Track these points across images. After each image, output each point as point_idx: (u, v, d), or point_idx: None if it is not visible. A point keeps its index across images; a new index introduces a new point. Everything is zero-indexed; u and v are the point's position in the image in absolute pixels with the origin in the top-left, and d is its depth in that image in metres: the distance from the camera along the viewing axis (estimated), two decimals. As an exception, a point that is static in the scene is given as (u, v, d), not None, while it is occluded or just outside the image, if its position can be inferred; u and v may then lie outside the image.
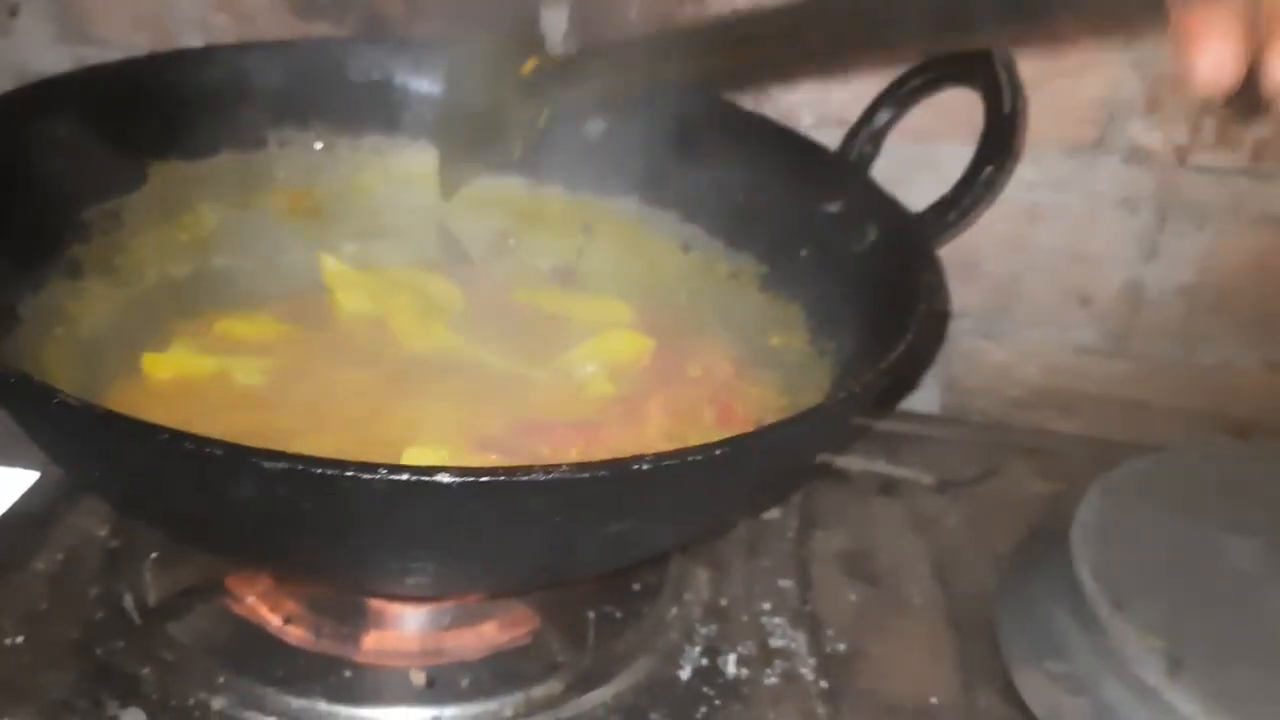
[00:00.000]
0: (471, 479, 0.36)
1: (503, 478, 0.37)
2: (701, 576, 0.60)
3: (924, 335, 0.49)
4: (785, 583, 0.61)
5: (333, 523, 0.39)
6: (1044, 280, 0.73)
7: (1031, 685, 0.54)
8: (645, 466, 0.38)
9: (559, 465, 0.37)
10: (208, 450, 0.35)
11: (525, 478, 0.37)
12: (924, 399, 0.78)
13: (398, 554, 0.41)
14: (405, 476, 0.36)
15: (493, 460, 0.52)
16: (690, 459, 0.39)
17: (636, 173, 0.70)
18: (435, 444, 0.52)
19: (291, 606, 0.54)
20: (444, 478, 0.36)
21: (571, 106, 0.65)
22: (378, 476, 0.35)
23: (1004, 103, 0.58)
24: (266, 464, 0.35)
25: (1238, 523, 0.58)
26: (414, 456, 0.51)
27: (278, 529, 0.40)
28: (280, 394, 0.57)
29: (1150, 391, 0.76)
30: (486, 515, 0.39)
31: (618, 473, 0.38)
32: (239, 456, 0.35)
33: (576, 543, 0.43)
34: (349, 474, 0.35)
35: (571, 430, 0.57)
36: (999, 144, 0.58)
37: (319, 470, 0.36)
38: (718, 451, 0.40)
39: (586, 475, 0.38)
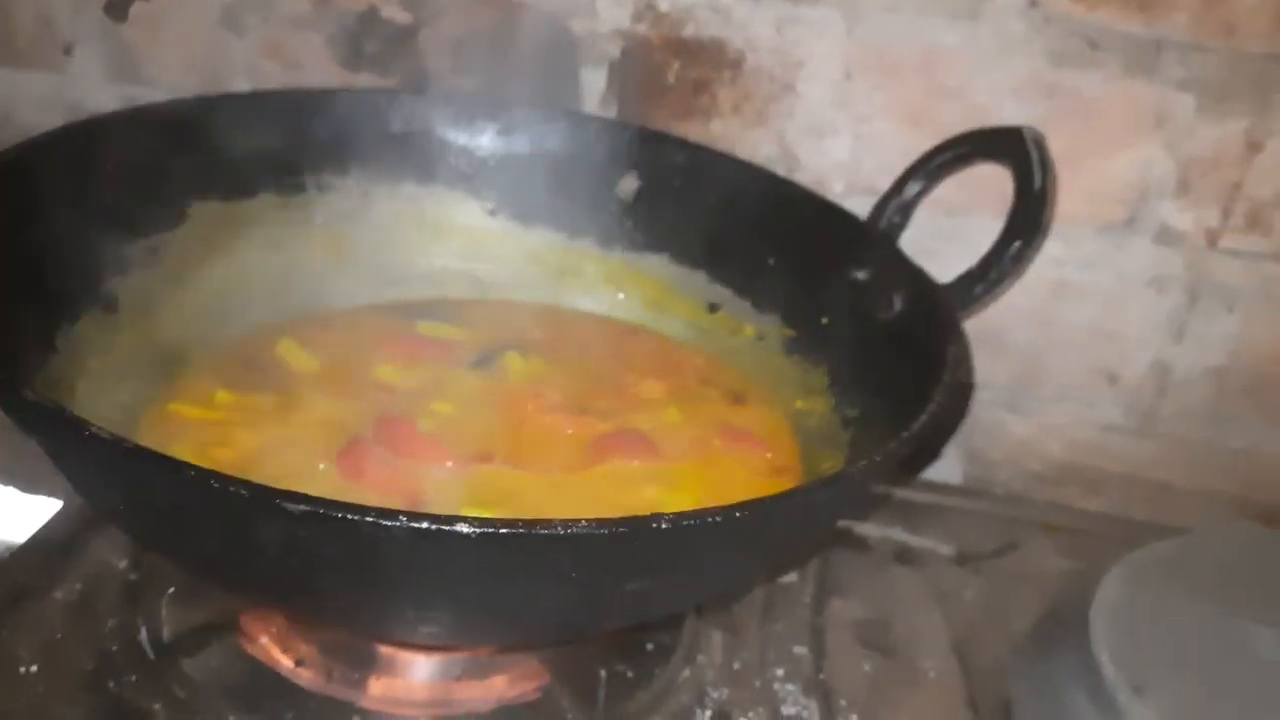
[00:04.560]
0: (490, 530, 0.36)
1: (521, 530, 0.37)
2: (715, 639, 0.59)
3: (948, 406, 0.50)
4: (800, 649, 0.60)
5: (351, 567, 0.39)
6: (1070, 357, 0.73)
7: (1047, 768, 0.53)
8: (665, 525, 0.38)
9: (578, 520, 0.37)
10: (233, 490, 0.36)
11: (544, 531, 0.37)
12: (945, 470, 0.77)
13: (414, 601, 0.41)
14: (425, 525, 0.36)
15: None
16: (711, 519, 0.39)
17: (667, 232, 0.71)
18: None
19: (303, 649, 0.53)
20: (463, 528, 0.36)
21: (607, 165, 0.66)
22: (398, 524, 0.36)
23: (1034, 179, 0.59)
24: (289, 506, 0.36)
25: (1261, 611, 0.57)
26: None
27: (297, 570, 0.41)
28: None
29: (1175, 473, 0.75)
30: (504, 566, 0.39)
31: (637, 530, 0.38)
32: (264, 497, 0.36)
33: (593, 598, 0.43)
34: (369, 519, 0.36)
35: None
36: (1028, 220, 0.58)
37: (340, 514, 0.36)
38: (738, 514, 0.40)
39: (606, 531, 0.38)
